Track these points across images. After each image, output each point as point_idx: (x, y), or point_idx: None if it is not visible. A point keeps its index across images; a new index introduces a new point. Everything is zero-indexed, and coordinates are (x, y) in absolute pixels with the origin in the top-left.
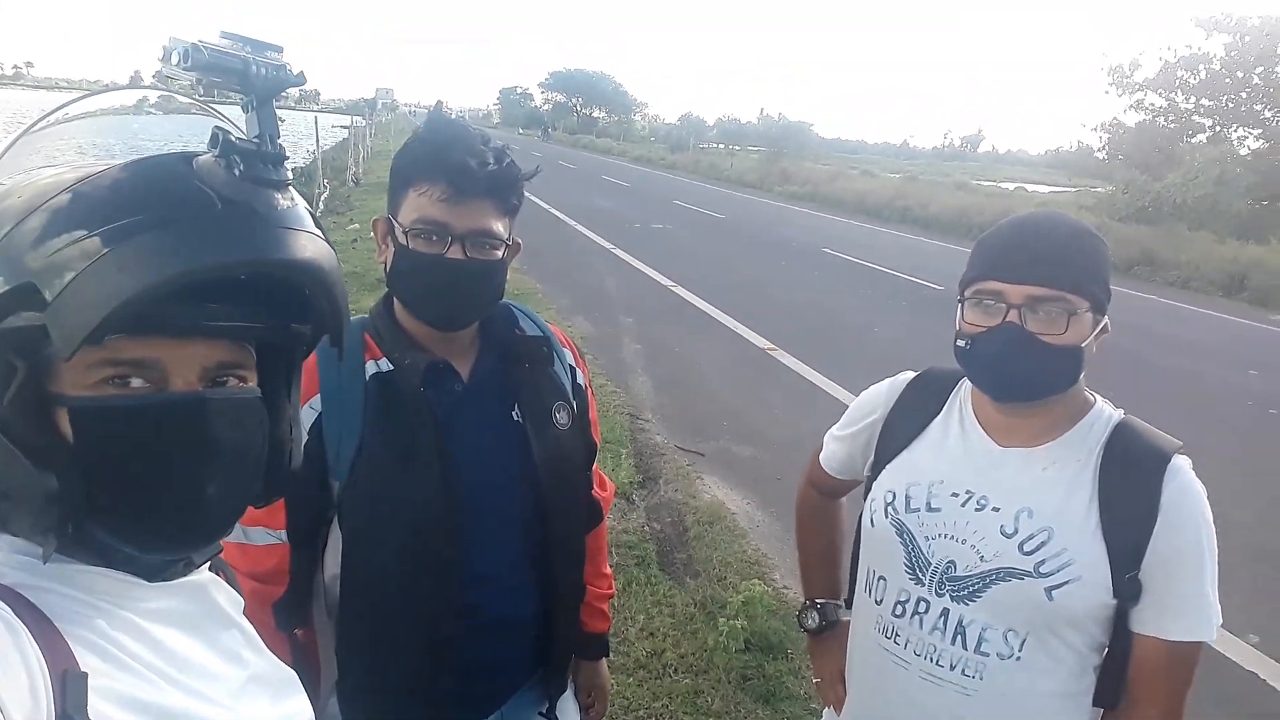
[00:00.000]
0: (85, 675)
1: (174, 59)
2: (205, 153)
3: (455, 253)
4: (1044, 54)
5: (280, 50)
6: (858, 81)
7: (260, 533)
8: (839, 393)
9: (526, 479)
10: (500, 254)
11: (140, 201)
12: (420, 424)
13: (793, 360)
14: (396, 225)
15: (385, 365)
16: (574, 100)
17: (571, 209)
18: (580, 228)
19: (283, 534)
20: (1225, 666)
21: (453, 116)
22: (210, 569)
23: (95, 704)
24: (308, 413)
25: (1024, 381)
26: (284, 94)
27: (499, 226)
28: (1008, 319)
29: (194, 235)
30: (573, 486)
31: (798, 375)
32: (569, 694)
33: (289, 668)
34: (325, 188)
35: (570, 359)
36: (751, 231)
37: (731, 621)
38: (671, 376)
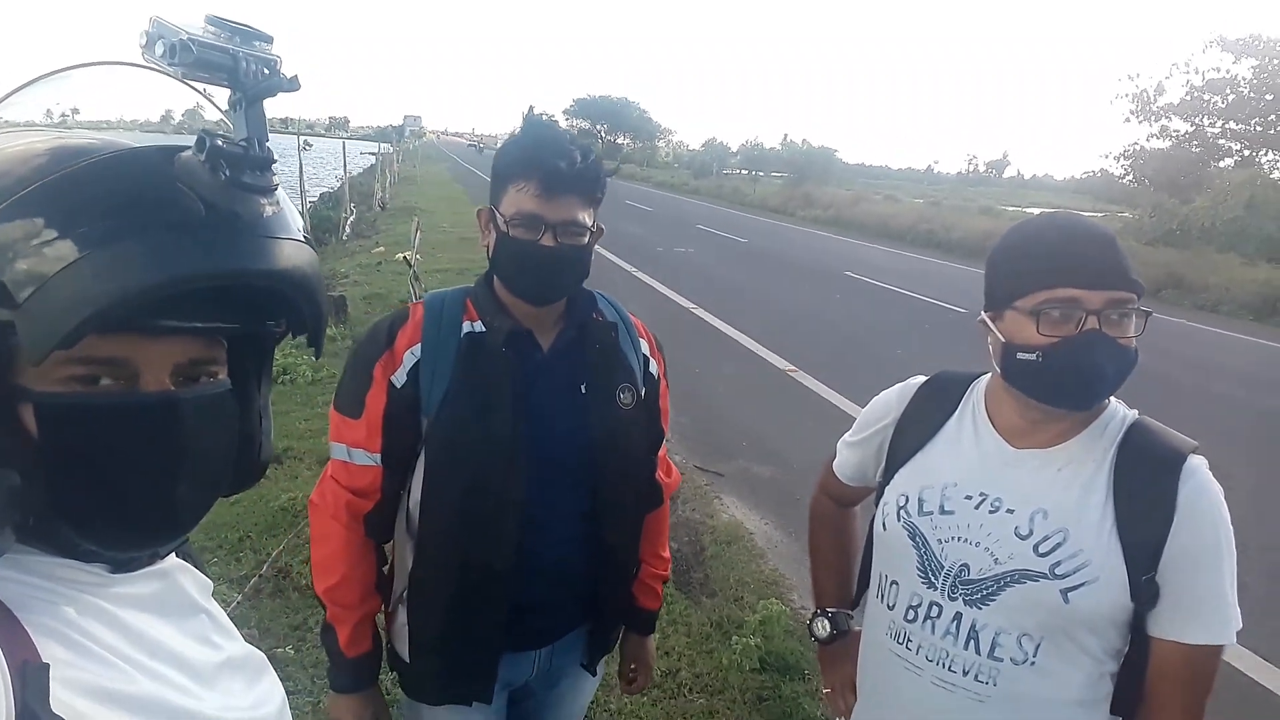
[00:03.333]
0: (46, 666)
1: (159, 50)
2: (188, 148)
3: (548, 240)
4: (1070, 79)
5: (270, 40)
6: (882, 107)
7: (361, 454)
8: (860, 414)
9: (586, 446)
10: (586, 240)
11: (119, 202)
12: (500, 378)
13: (813, 382)
14: (499, 216)
15: (479, 327)
16: (598, 127)
17: None
18: (604, 252)
19: (379, 457)
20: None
21: (543, 119)
22: (176, 554)
23: (59, 694)
24: (409, 357)
25: (1100, 387)
26: (311, 119)
27: (584, 216)
28: (1087, 326)
29: (176, 243)
30: (629, 461)
31: (818, 397)
32: (603, 659)
33: (258, 650)
34: (352, 212)
35: (646, 349)
36: (774, 255)
37: (747, 641)
38: (691, 397)
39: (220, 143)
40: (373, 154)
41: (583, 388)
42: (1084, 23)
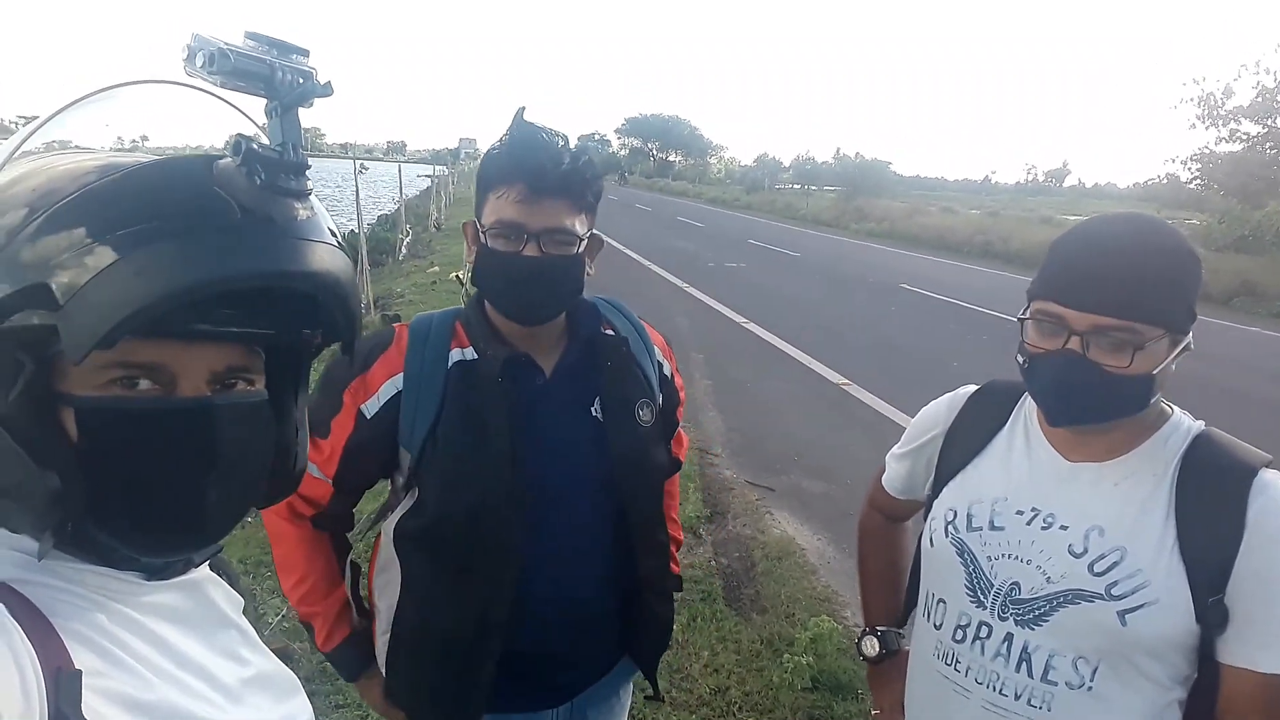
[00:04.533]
0: (79, 673)
1: (199, 61)
2: (227, 156)
3: (531, 250)
4: (1130, 84)
5: (306, 54)
6: (937, 118)
7: (313, 468)
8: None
9: (603, 475)
10: (576, 249)
11: (158, 206)
12: (493, 412)
13: (868, 396)
14: (480, 227)
15: (470, 354)
16: (650, 145)
17: (647, 250)
18: (654, 267)
19: (330, 480)
20: None
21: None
22: (210, 568)
23: (90, 702)
24: (388, 387)
25: (1083, 409)
26: (369, 144)
27: (573, 223)
28: (1068, 345)
29: (211, 245)
30: (654, 482)
31: (873, 410)
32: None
33: (287, 669)
34: (408, 233)
35: (659, 354)
36: (827, 268)
37: (798, 659)
38: (742, 412)
39: (256, 147)
40: (429, 177)
41: (594, 409)
42: (1142, 28)
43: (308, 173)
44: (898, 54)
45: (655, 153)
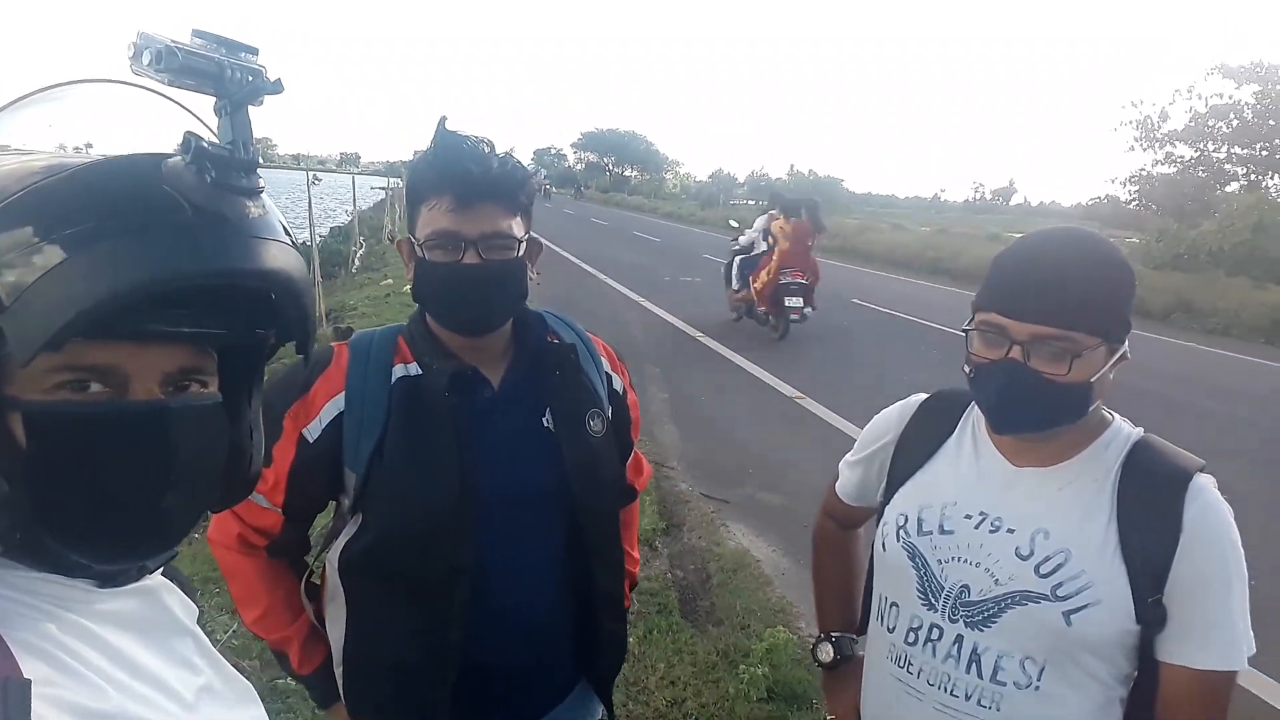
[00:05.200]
0: (29, 683)
1: (145, 59)
2: (176, 154)
3: (470, 258)
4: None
5: (256, 52)
6: (889, 137)
7: (261, 498)
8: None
9: (557, 487)
10: (516, 253)
11: (108, 205)
12: (440, 428)
13: (821, 408)
14: (415, 242)
15: (414, 370)
16: (606, 159)
17: (603, 263)
18: (611, 281)
19: (280, 509)
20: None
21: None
22: (163, 574)
23: (41, 711)
24: (329, 408)
25: (1025, 417)
26: (322, 156)
27: (509, 225)
28: (1010, 355)
29: (164, 243)
30: (608, 494)
31: (825, 423)
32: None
33: (244, 678)
34: (361, 245)
35: (607, 366)
36: None
37: (754, 670)
38: (698, 425)
39: (206, 145)
40: (383, 188)
41: (545, 420)
42: (1086, 52)
43: (258, 172)
44: (852, 73)
45: (611, 167)
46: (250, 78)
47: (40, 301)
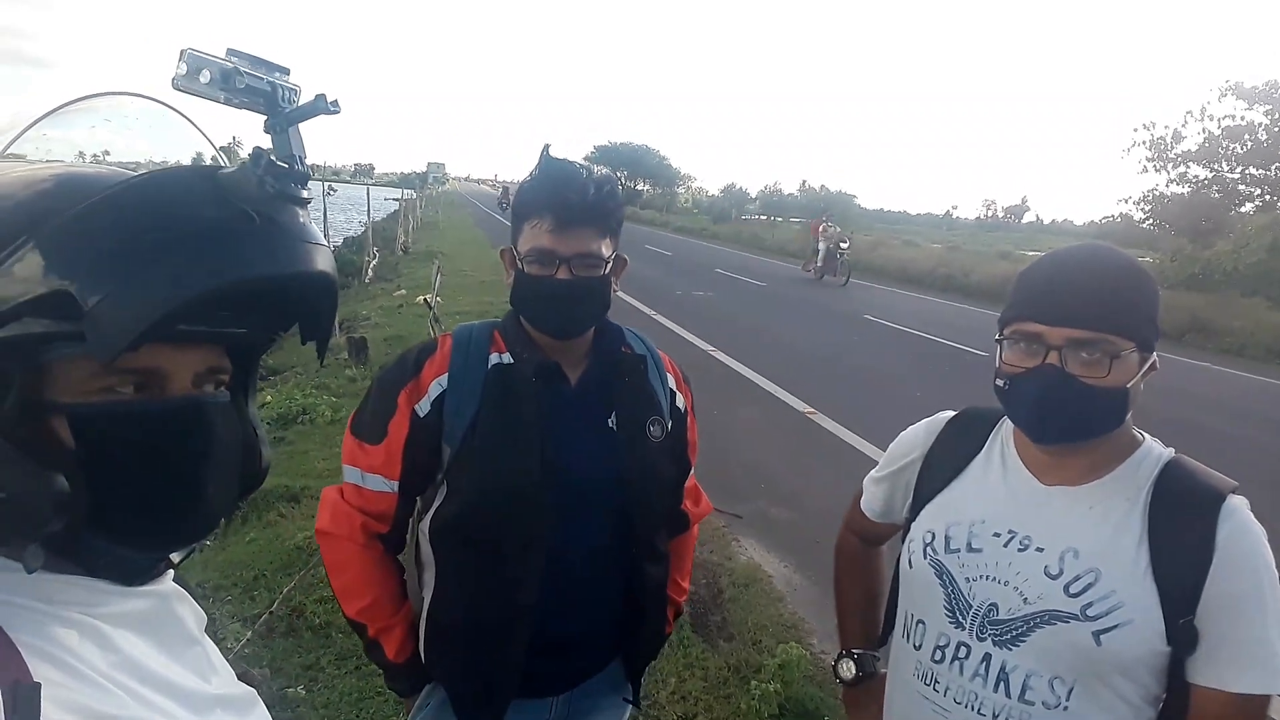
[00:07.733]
0: (38, 686)
1: (204, 77)
2: (223, 168)
3: (563, 273)
4: (1088, 125)
5: (287, 72)
6: (902, 154)
7: (377, 479)
8: (879, 456)
9: (616, 480)
10: (603, 270)
11: (181, 213)
12: (527, 409)
13: (832, 424)
14: (516, 254)
15: (507, 358)
16: (619, 173)
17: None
18: (623, 295)
19: (396, 484)
20: None
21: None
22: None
23: (50, 714)
24: (435, 387)
25: (1065, 424)
26: (337, 166)
27: (599, 247)
28: (1047, 360)
29: (238, 249)
30: (660, 493)
31: (837, 439)
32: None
33: (248, 686)
34: (375, 256)
35: (672, 383)
36: (792, 299)
37: (766, 686)
38: (709, 439)
39: (273, 159)
40: (396, 200)
41: (610, 421)
42: (1099, 70)
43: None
44: (865, 89)
45: (624, 181)
46: (293, 98)
47: (122, 305)
